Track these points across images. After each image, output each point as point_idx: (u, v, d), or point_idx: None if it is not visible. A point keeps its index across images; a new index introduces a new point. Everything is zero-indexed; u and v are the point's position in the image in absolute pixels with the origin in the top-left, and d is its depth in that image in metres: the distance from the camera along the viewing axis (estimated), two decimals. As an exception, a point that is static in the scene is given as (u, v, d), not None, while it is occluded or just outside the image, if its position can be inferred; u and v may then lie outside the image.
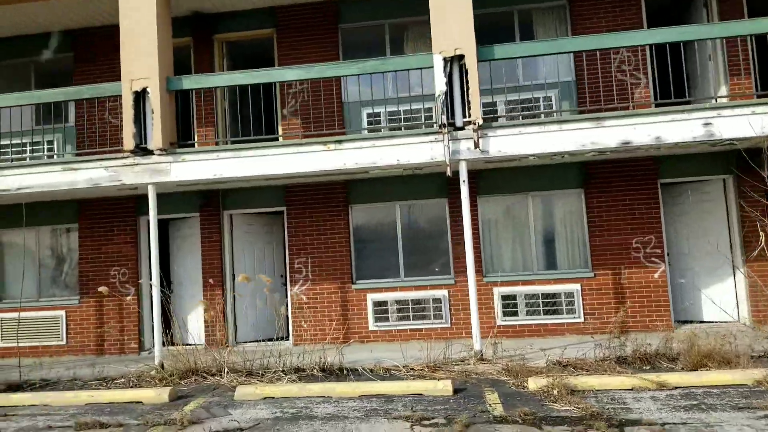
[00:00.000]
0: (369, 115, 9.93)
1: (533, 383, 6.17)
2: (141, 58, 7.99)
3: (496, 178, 9.48)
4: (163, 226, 10.82)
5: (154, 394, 6.46)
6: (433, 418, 5.39)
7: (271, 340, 9.92)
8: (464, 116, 7.59)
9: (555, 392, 5.87)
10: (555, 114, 9.37)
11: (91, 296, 10.19)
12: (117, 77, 10.09)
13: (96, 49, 10.57)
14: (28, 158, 9.91)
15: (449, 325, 9.45)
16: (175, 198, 10.07)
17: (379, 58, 7.86)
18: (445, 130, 7.48)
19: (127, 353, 10.03)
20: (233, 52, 10.55)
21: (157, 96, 7.98)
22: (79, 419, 5.82)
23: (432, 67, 7.77)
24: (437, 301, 9.46)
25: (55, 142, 10.54)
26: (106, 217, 10.24)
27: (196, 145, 9.64)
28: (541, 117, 8.98)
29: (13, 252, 10.64)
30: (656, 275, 9.19)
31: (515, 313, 9.31)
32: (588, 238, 9.39)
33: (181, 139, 10.59)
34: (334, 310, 9.69)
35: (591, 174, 9.40)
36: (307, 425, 5.36)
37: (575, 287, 9.26)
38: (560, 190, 9.51)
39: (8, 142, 10.56)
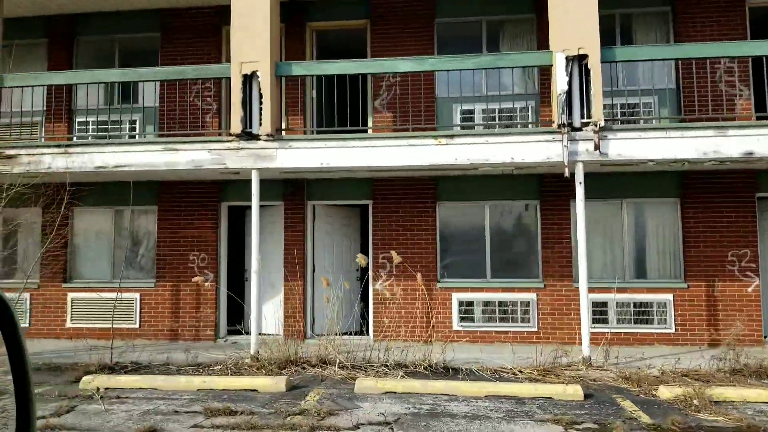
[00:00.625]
0: (463, 112, 9.79)
1: (667, 392, 6.01)
2: (252, 41, 7.86)
3: (591, 183, 9.30)
4: (238, 213, 10.69)
5: (270, 383, 6.31)
6: (582, 422, 5.23)
7: (345, 334, 9.77)
8: (581, 117, 7.43)
9: (695, 402, 5.70)
10: (654, 121, 9.20)
11: (167, 280, 10.06)
12: (203, 60, 10.02)
13: (183, 30, 10.45)
14: (108, 136, 9.78)
15: (536, 329, 9.28)
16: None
17: (495, 54, 7.74)
18: (565, 130, 7.32)
19: (202, 340, 9.89)
20: (321, 42, 10.43)
21: (267, 80, 7.84)
22: (209, 405, 5.67)
23: (549, 65, 7.63)
24: (525, 304, 9.30)
25: (137, 122, 10.44)
26: (187, 201, 10.11)
27: (283, 132, 9.51)
28: (659, 122, 8.82)
29: (86, 231, 10.51)
30: (750, 289, 9.02)
31: (605, 321, 9.13)
32: (682, 249, 9.22)
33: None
34: (417, 307, 9.53)
35: (687, 184, 9.22)
36: (453, 423, 5.20)
37: (668, 297, 9.09)
38: (655, 199, 9.34)
39: (84, 119, 10.46)
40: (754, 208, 9.16)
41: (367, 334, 9.74)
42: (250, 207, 10.52)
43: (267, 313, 10.33)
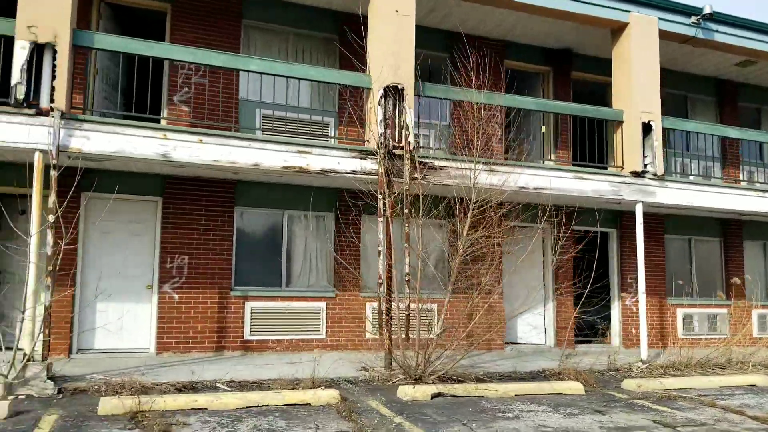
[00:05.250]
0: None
1: None
2: (647, 94, 9.44)
3: (759, 227, 12.80)
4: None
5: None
6: None
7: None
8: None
9: None
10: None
11: (461, 291, 10.45)
12: (490, 88, 10.78)
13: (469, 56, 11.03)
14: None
15: (728, 336, 12.32)
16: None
17: None
18: None
19: (494, 349, 10.55)
20: (576, 90, 12.06)
21: (659, 128, 9.48)
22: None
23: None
24: (723, 316, 12.31)
25: (430, 139, 10.63)
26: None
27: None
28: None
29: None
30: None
31: (765, 329, 12.66)
32: (798, 279, 13.29)
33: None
34: (654, 319, 11.77)
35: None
36: None
37: (792, 312, 13.03)
38: (782, 241, 13.29)
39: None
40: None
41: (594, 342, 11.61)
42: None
43: (521, 323, 11.43)
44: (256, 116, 9.73)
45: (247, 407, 5.65)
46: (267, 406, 5.74)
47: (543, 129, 11.75)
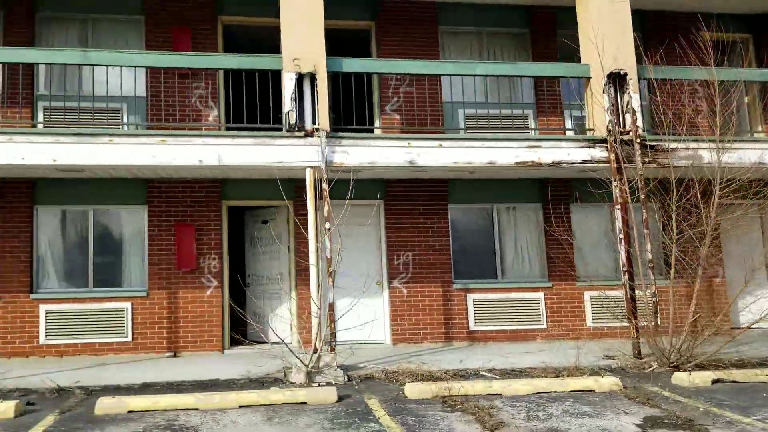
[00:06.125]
0: None
1: None
2: None
3: None
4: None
5: None
6: None
7: None
8: None
9: None
10: None
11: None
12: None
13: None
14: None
15: None
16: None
17: None
18: None
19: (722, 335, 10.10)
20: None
21: None
22: None
23: None
24: None
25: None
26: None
27: None
28: None
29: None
30: None
31: None
32: None
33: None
34: None
35: None
36: None
37: None
38: None
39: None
40: None
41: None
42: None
43: (741, 307, 10.77)
44: (459, 116, 10.15)
45: (537, 393, 5.99)
46: (555, 392, 6.04)
47: (747, 99, 10.97)
